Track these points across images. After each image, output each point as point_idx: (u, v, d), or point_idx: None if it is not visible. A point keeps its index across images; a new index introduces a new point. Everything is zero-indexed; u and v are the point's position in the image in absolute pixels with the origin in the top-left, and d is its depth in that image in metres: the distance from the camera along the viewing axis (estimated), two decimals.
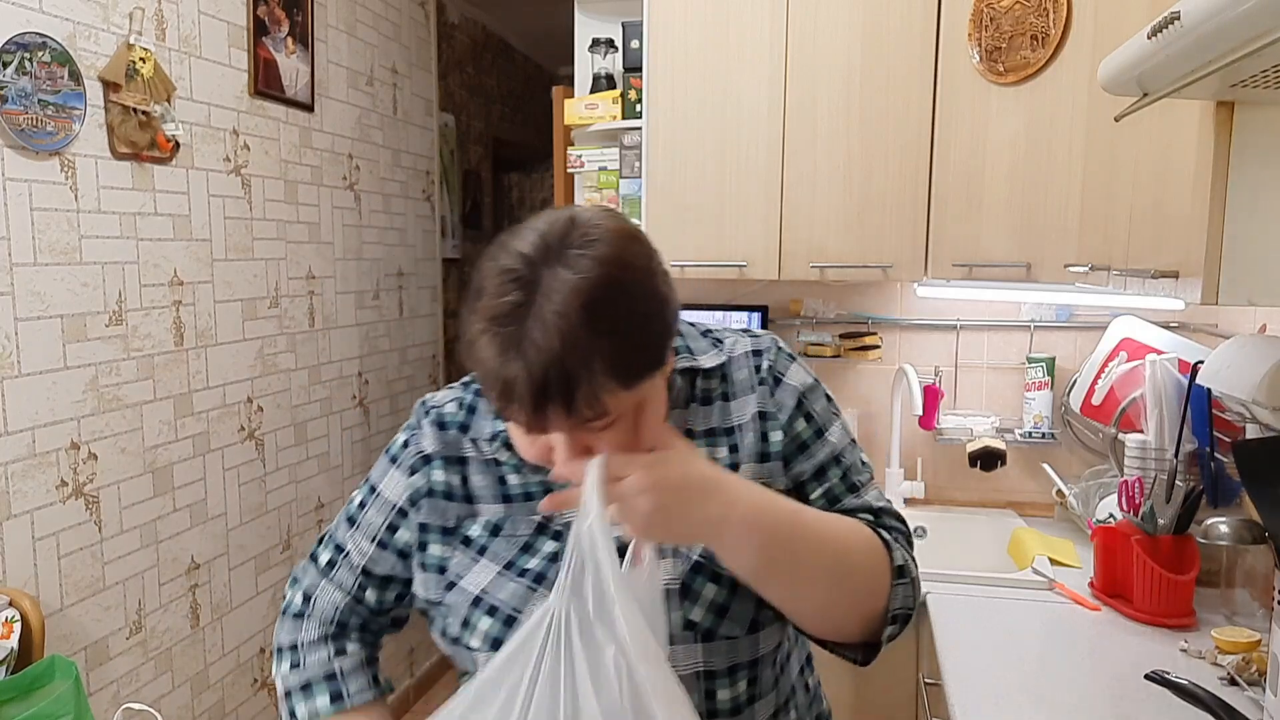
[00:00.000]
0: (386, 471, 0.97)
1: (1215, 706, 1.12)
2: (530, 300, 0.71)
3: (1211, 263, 1.02)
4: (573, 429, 0.75)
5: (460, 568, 0.91)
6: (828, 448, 0.93)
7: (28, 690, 1.55)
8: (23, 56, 1.69)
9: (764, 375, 0.93)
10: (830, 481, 0.92)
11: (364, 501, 0.98)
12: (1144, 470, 1.74)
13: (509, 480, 0.92)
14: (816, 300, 2.44)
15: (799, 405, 0.93)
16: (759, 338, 0.97)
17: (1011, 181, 1.87)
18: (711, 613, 0.85)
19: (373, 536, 0.96)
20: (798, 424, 0.92)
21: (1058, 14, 1.73)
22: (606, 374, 0.72)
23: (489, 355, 0.73)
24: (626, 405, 0.76)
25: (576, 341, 0.70)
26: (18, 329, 1.72)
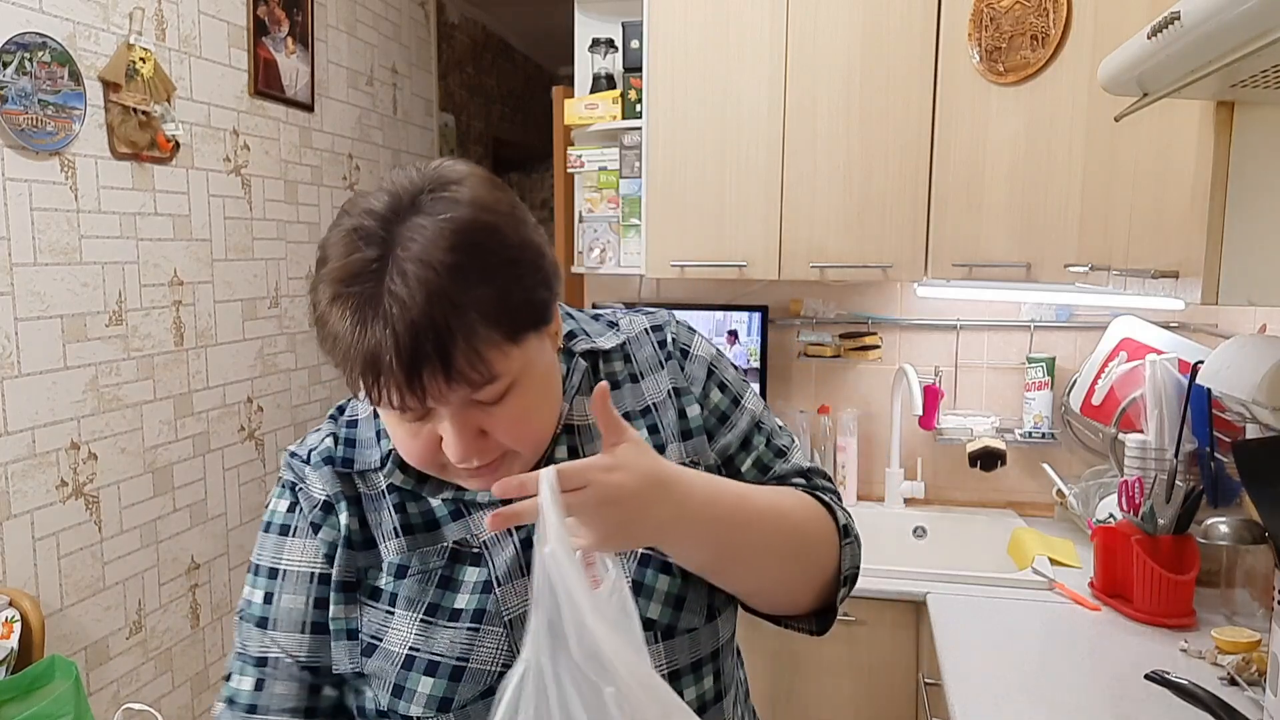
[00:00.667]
0: (283, 545, 0.78)
1: (1215, 706, 1.11)
2: (386, 255, 0.63)
3: (1211, 263, 1.02)
4: (459, 406, 0.66)
5: (373, 627, 0.76)
6: (747, 415, 0.88)
7: (28, 690, 1.56)
8: (23, 56, 1.69)
9: (670, 350, 0.87)
10: (758, 450, 0.87)
11: (269, 593, 0.77)
12: (1144, 470, 1.74)
13: (408, 508, 0.78)
14: (816, 300, 2.44)
15: (710, 375, 0.88)
16: (654, 314, 0.90)
17: (1011, 181, 1.87)
18: (669, 606, 0.78)
19: (300, 624, 0.76)
20: (713, 395, 0.87)
21: (1058, 14, 1.73)
22: (485, 323, 0.64)
23: (343, 326, 0.63)
24: (515, 369, 0.68)
25: (445, 291, 0.62)
26: (18, 329, 1.72)
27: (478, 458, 0.70)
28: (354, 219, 0.65)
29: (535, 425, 0.73)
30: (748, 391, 0.91)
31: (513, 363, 0.68)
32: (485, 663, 0.74)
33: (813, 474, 0.90)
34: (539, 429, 0.73)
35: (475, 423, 0.68)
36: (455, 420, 0.67)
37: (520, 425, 0.70)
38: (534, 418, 0.72)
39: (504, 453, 0.72)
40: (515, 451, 0.72)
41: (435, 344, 0.62)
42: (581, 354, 0.84)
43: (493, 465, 0.72)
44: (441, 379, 0.63)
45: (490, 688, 0.73)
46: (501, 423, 0.69)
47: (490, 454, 0.71)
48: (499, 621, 0.75)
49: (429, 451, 0.70)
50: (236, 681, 0.77)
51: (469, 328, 0.63)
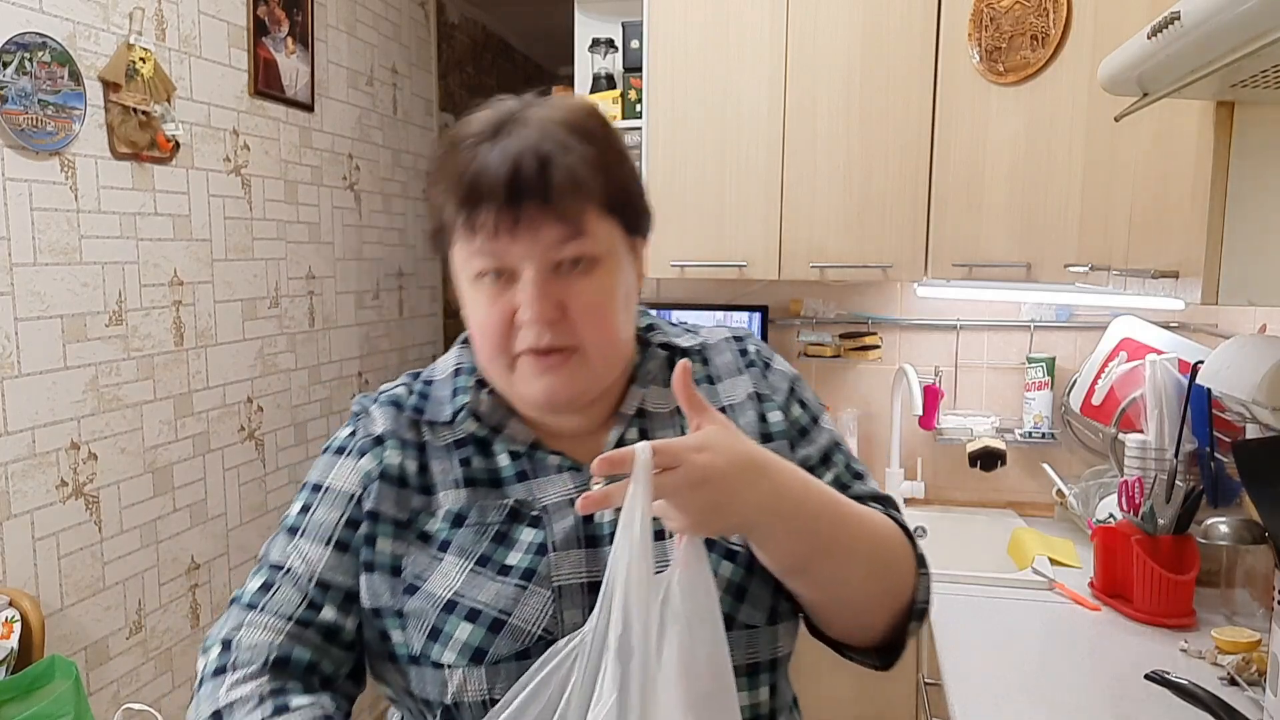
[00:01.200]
0: (333, 464, 0.82)
1: (1215, 706, 1.12)
2: (514, 113, 0.75)
3: (1211, 263, 1.02)
4: (543, 265, 0.72)
5: (419, 568, 0.76)
6: (827, 434, 0.89)
7: (28, 690, 1.55)
8: (23, 56, 1.69)
9: (753, 358, 0.90)
10: (838, 468, 0.87)
11: (308, 504, 0.80)
12: (1144, 470, 1.74)
13: (473, 462, 0.81)
14: (816, 300, 2.44)
15: (792, 391, 0.89)
16: (736, 328, 0.94)
17: (1011, 181, 1.87)
18: (729, 595, 0.76)
19: (326, 538, 0.78)
20: (794, 409, 0.88)
21: (1058, 14, 1.73)
22: (586, 171, 0.72)
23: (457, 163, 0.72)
24: (602, 245, 0.74)
25: (558, 135, 0.72)
26: (18, 329, 1.72)
27: (550, 332, 0.73)
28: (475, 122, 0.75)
29: (609, 319, 0.76)
30: (825, 415, 0.91)
31: (601, 235, 0.75)
32: (526, 621, 0.74)
33: (887, 503, 0.88)
34: (611, 326, 0.76)
35: (555, 292, 0.73)
36: (538, 277, 0.72)
37: (596, 310, 0.74)
38: (609, 311, 0.76)
39: (572, 349, 0.74)
40: (583, 355, 0.75)
41: (540, 166, 0.70)
42: (658, 345, 0.87)
43: (561, 355, 0.74)
44: (537, 203, 0.70)
45: (526, 649, 0.73)
46: (580, 299, 0.73)
47: (561, 337, 0.74)
48: (547, 585, 0.75)
49: (503, 322, 0.74)
50: (248, 582, 0.79)
51: (572, 167, 0.71)
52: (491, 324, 0.75)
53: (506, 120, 0.75)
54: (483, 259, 0.74)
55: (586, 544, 0.77)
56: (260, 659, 0.72)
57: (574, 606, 0.74)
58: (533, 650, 0.71)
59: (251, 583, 0.78)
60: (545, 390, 0.75)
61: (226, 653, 0.73)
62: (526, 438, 0.82)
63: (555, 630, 0.73)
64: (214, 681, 0.72)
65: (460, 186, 0.72)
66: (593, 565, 0.76)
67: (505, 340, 0.75)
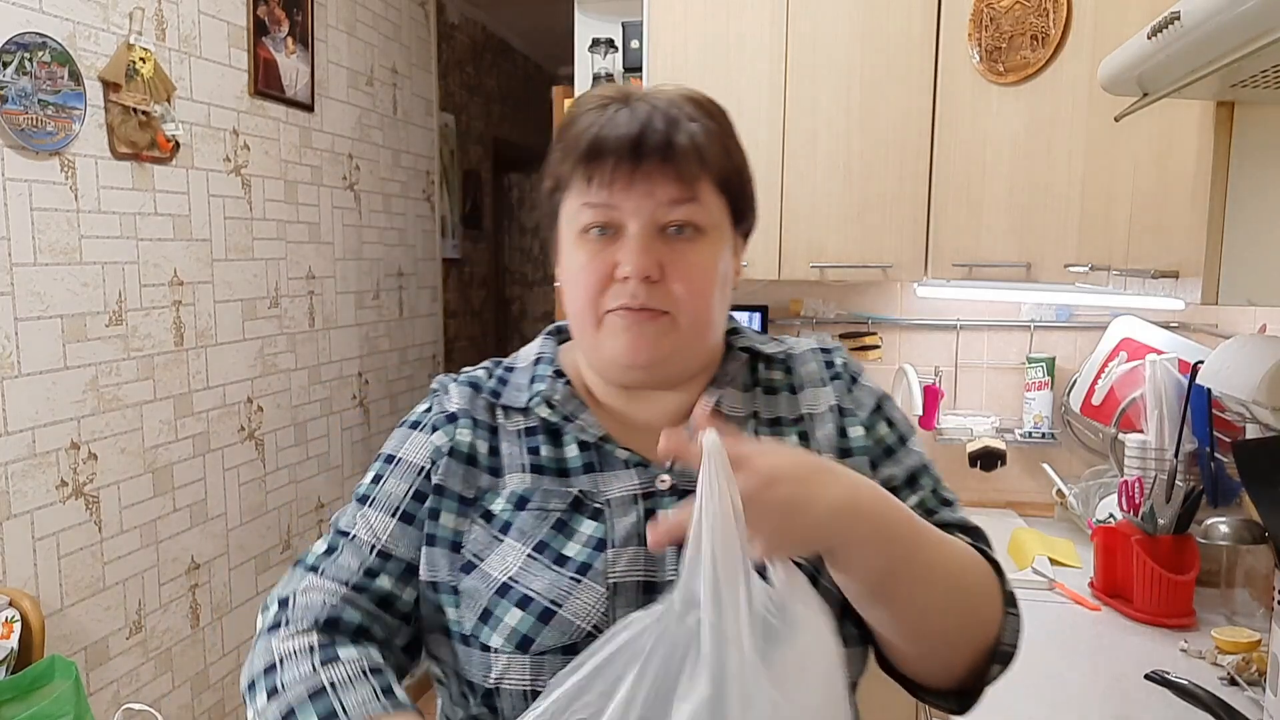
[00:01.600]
0: (407, 437, 0.84)
1: (1215, 706, 1.11)
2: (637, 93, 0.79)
3: (1211, 263, 1.02)
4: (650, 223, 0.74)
5: (479, 546, 0.77)
6: (914, 456, 0.86)
7: (28, 690, 1.56)
8: (23, 56, 1.69)
9: (839, 370, 0.88)
10: (923, 491, 0.83)
11: (379, 475, 0.83)
12: (1144, 470, 1.74)
13: (542, 450, 0.81)
14: (816, 300, 2.44)
15: (879, 408, 0.87)
16: (824, 339, 0.93)
17: (1011, 181, 1.87)
18: None
19: (393, 509, 0.80)
20: (880, 427, 0.85)
21: (1058, 14, 1.73)
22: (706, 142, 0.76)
23: (585, 121, 0.76)
24: (710, 218, 0.77)
25: (685, 106, 0.77)
26: (18, 329, 1.72)
27: (645, 291, 0.75)
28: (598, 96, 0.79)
29: (705, 291, 0.77)
30: (914, 436, 0.88)
31: (712, 208, 0.77)
32: (577, 615, 0.73)
33: (977, 534, 0.83)
34: (706, 298, 0.77)
35: (659, 252, 0.75)
36: (644, 233, 0.75)
37: (694, 277, 0.76)
38: (707, 283, 0.77)
39: (664, 313, 0.76)
40: (673, 321, 0.76)
41: (666, 127, 0.74)
42: (741, 348, 0.87)
43: (651, 314, 0.76)
44: (658, 160, 0.73)
45: (574, 643, 0.72)
46: (680, 264, 0.75)
47: (655, 298, 0.75)
48: (602, 581, 0.74)
49: (601, 277, 0.76)
50: (314, 546, 0.82)
51: (696, 134, 0.75)
52: (589, 277, 0.76)
53: (634, 92, 0.79)
54: (593, 211, 0.76)
55: (645, 544, 0.76)
56: (312, 617, 0.75)
57: (628, 605, 0.73)
58: (580, 645, 0.69)
59: (317, 546, 0.81)
60: (629, 346, 0.76)
61: (282, 610, 0.76)
62: (597, 430, 0.82)
63: (606, 628, 0.70)
64: (268, 636, 0.75)
65: (584, 140, 0.75)
66: (650, 565, 0.75)
67: (599, 295, 0.76)
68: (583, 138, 0.76)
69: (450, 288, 3.92)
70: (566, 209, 0.79)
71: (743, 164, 0.82)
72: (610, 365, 0.80)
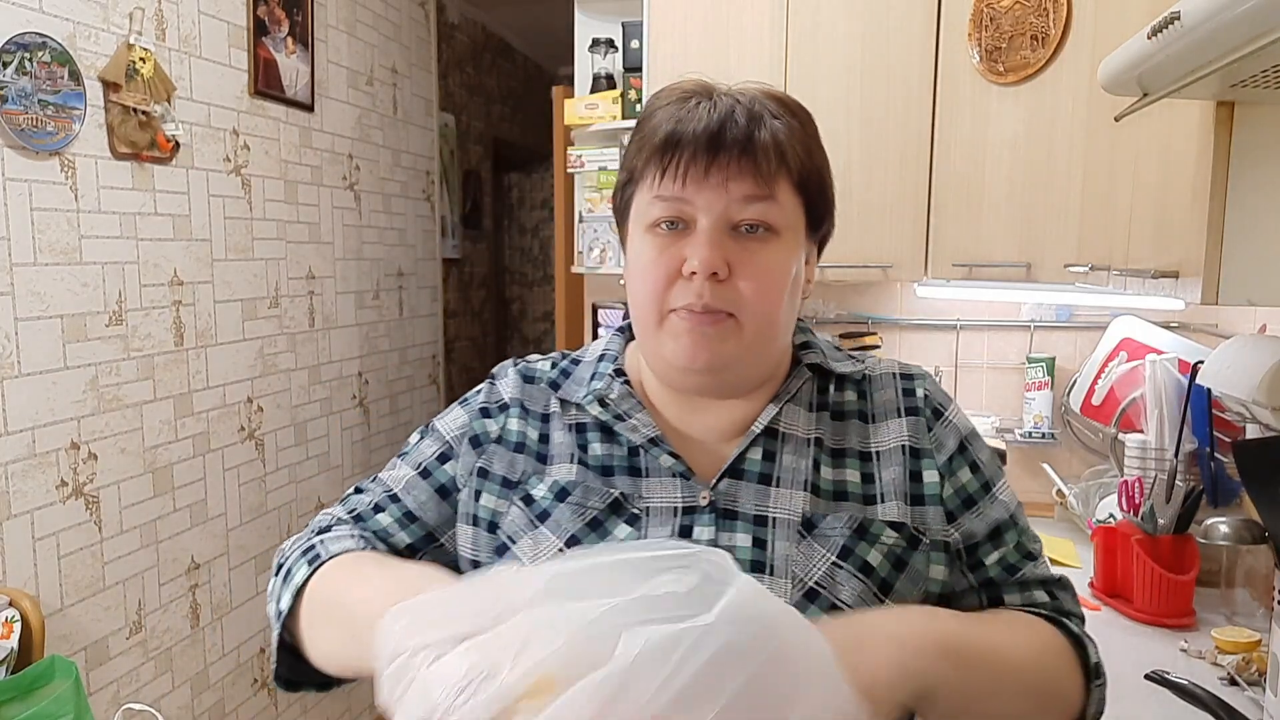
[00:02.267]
0: (452, 412, 0.87)
1: (1215, 706, 1.12)
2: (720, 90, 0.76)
3: (1211, 263, 1.02)
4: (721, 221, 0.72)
5: (514, 529, 0.77)
6: (999, 505, 0.80)
7: (28, 690, 1.55)
8: (23, 56, 1.69)
9: (918, 403, 0.81)
10: (1006, 547, 0.79)
11: (421, 437, 0.86)
12: (1144, 470, 1.74)
13: (591, 448, 0.80)
14: (816, 300, 2.44)
15: (962, 450, 0.80)
16: (909, 366, 0.85)
17: (1011, 181, 1.87)
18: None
19: (417, 464, 0.84)
20: (962, 473, 0.80)
21: (1058, 14, 1.73)
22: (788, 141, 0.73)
23: (664, 114, 0.74)
24: (784, 219, 0.74)
25: (768, 104, 0.75)
26: (18, 329, 1.72)
27: (711, 290, 0.72)
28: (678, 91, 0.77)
29: (774, 294, 0.74)
30: (1001, 480, 0.83)
31: (788, 209, 0.74)
32: None
33: (1059, 590, 0.81)
34: (774, 302, 0.74)
35: (728, 250, 0.72)
36: (715, 229, 0.72)
37: (763, 279, 0.73)
38: (776, 286, 0.74)
39: (728, 315, 0.73)
40: (737, 324, 0.73)
41: (748, 121, 0.72)
42: (809, 365, 0.82)
43: (714, 317, 0.73)
44: (736, 154, 0.71)
45: None
46: (749, 264, 0.72)
47: (720, 299, 0.72)
48: None
49: (668, 273, 0.73)
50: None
51: (778, 131, 0.73)
52: (655, 273, 0.74)
53: (717, 86, 0.77)
54: (664, 205, 0.74)
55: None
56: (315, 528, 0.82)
57: None
58: None
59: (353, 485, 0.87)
60: (689, 347, 0.73)
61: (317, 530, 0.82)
62: (650, 430, 0.79)
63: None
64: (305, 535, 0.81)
65: (661, 132, 0.73)
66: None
67: (664, 292, 0.74)
68: (660, 129, 0.74)
69: (450, 288, 3.92)
70: (638, 203, 0.77)
71: (824, 166, 0.79)
72: (669, 367, 0.78)
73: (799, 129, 0.76)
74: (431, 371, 3.70)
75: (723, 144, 0.71)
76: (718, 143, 0.71)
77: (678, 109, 0.74)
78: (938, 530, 0.77)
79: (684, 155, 0.72)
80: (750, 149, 0.71)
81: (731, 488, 0.77)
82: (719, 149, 0.71)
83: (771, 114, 0.74)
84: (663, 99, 0.77)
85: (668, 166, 0.73)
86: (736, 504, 0.76)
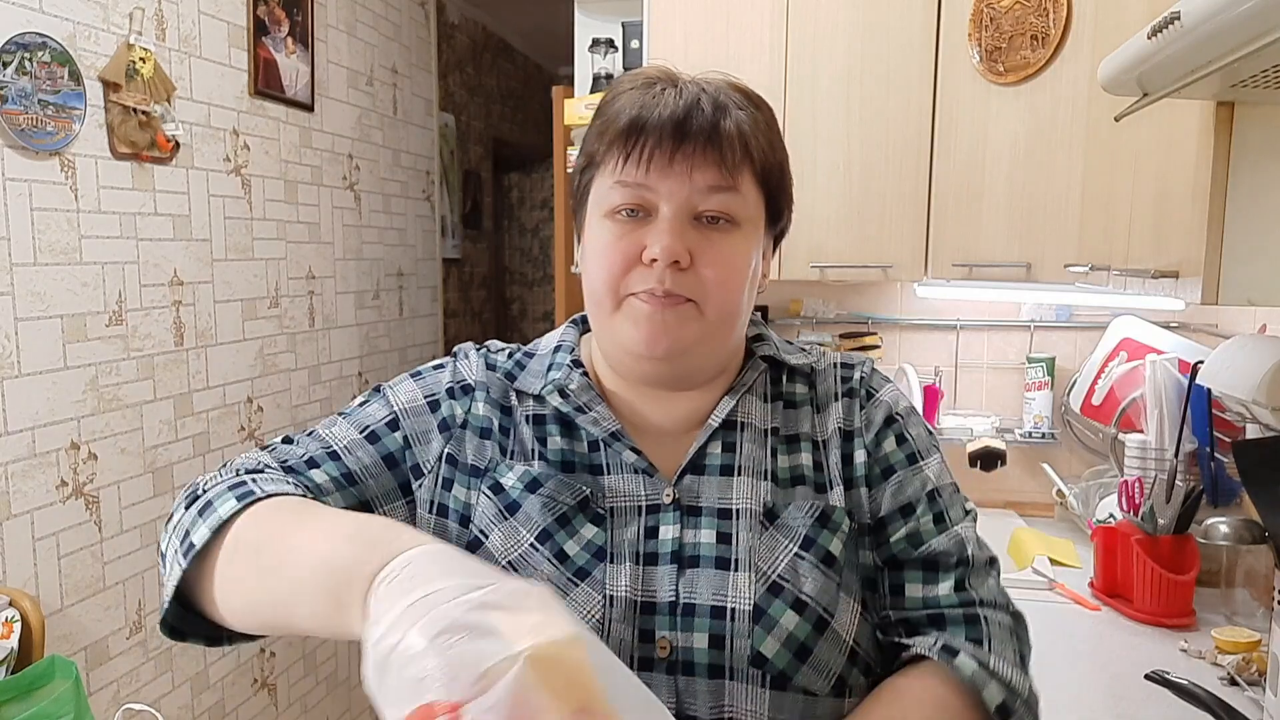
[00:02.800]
0: (404, 383, 0.82)
1: (1215, 706, 1.11)
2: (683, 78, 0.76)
3: (1211, 263, 1.02)
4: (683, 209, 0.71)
5: (485, 520, 0.75)
6: (919, 479, 0.78)
7: (28, 690, 1.55)
8: (23, 56, 1.69)
9: (854, 385, 0.81)
10: (915, 520, 0.77)
11: (366, 401, 0.81)
12: (1144, 470, 1.73)
13: (550, 441, 0.78)
14: (816, 300, 2.44)
15: (889, 422, 0.80)
16: (851, 355, 0.87)
17: (1011, 181, 1.87)
18: (788, 650, 0.69)
19: (362, 426, 0.78)
20: (886, 444, 0.79)
21: (1058, 14, 1.73)
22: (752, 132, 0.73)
23: (627, 99, 0.73)
24: (746, 210, 0.74)
25: (734, 95, 0.75)
26: (18, 329, 1.72)
27: (672, 277, 0.71)
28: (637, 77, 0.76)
29: (734, 284, 0.73)
30: (933, 456, 0.81)
31: (749, 201, 0.74)
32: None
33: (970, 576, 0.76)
34: (734, 292, 0.74)
35: (689, 239, 0.71)
36: (677, 217, 0.71)
37: (724, 268, 0.72)
38: (737, 276, 0.73)
39: (688, 300, 0.72)
40: (697, 310, 0.73)
41: (714, 110, 0.71)
42: (763, 357, 0.83)
43: (674, 300, 0.72)
44: (701, 143, 0.70)
45: None
46: (710, 253, 0.71)
47: (680, 285, 0.71)
48: (599, 589, 0.71)
49: (626, 259, 0.72)
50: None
51: (744, 122, 0.72)
52: (613, 257, 0.72)
53: (681, 75, 0.76)
54: (626, 191, 0.72)
55: (644, 561, 0.73)
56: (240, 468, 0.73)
57: (623, 620, 0.70)
58: None
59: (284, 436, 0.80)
60: (648, 333, 0.72)
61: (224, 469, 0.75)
62: (611, 424, 0.77)
63: (599, 635, 0.69)
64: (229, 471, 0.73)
65: (625, 116, 0.72)
66: (648, 585, 0.72)
67: (622, 276, 0.72)
68: (623, 114, 0.72)
69: (450, 288, 3.92)
70: (598, 188, 0.75)
71: (784, 160, 0.79)
72: (625, 354, 0.76)
73: (763, 121, 0.76)
74: None
75: (688, 132, 0.70)
76: (683, 130, 0.70)
77: (642, 94, 0.73)
78: (862, 513, 0.77)
79: (648, 141, 0.70)
80: (716, 139, 0.71)
81: (693, 483, 0.76)
82: (684, 137, 0.70)
83: (736, 105, 0.74)
84: (625, 84, 0.75)
85: (631, 152, 0.71)
86: (699, 499, 0.75)
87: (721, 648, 0.69)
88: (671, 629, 0.70)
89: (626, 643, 0.70)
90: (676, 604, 0.71)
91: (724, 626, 0.69)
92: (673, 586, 0.71)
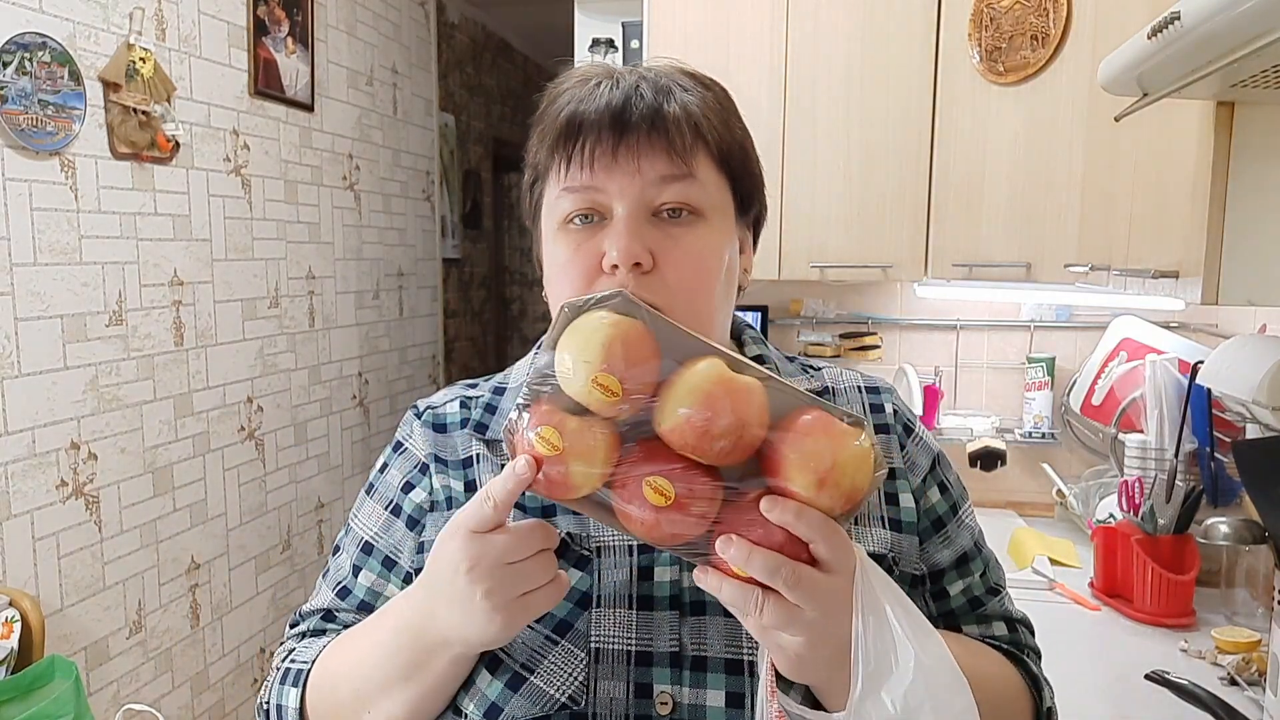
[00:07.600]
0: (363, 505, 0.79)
1: (1215, 706, 1.12)
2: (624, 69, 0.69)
3: (1211, 263, 1.02)
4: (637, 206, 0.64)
5: None
6: (966, 531, 0.76)
7: (28, 690, 1.55)
8: (23, 56, 1.69)
9: (888, 419, 0.75)
10: (973, 578, 0.74)
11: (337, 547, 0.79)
12: (1144, 470, 1.73)
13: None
14: (816, 300, 2.44)
15: (933, 469, 0.75)
16: (870, 377, 0.80)
17: (1011, 181, 1.87)
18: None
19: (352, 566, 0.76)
20: (932, 493, 0.75)
21: (1058, 14, 1.73)
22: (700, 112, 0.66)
23: (563, 99, 0.67)
24: (707, 198, 0.66)
25: (677, 77, 0.69)
26: (18, 329, 1.72)
27: (635, 283, 0.63)
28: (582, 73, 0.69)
29: (706, 283, 0.66)
30: (967, 503, 0.78)
31: (710, 187, 0.67)
32: (549, 684, 0.64)
33: (1020, 626, 0.77)
34: (707, 291, 0.66)
35: (649, 238, 0.64)
36: (632, 215, 0.64)
37: (689, 264, 0.64)
38: (708, 273, 0.66)
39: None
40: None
41: (655, 94, 0.65)
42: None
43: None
44: (644, 131, 0.63)
45: (546, 715, 0.63)
46: (674, 248, 0.64)
47: (647, 290, 0.63)
48: (583, 644, 0.65)
49: (586, 269, 0.64)
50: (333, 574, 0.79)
51: (689, 103, 0.66)
52: (572, 271, 0.65)
53: (621, 68, 0.70)
54: (574, 197, 0.65)
55: (638, 605, 0.66)
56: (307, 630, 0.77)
57: (612, 677, 0.64)
58: (553, 717, 0.62)
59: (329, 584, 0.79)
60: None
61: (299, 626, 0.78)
62: None
63: (583, 700, 0.63)
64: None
65: (561, 117, 0.65)
66: (643, 633, 0.65)
67: (584, 291, 0.64)
68: (560, 115, 0.66)
69: (450, 288, 3.92)
70: (547, 199, 0.69)
71: (745, 139, 0.72)
72: None
73: (713, 100, 0.69)
74: (431, 371, 3.70)
75: (628, 121, 0.64)
76: (622, 120, 0.64)
77: (578, 91, 0.67)
78: (910, 562, 0.72)
79: (588, 139, 0.64)
80: (660, 123, 0.64)
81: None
82: (625, 127, 0.63)
83: (681, 86, 0.67)
84: (562, 84, 0.69)
85: (572, 154, 0.65)
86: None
87: (741, 706, 0.63)
88: (675, 683, 0.64)
89: (619, 700, 0.63)
90: (681, 655, 0.65)
91: (743, 683, 0.63)
92: (674, 635, 0.65)
